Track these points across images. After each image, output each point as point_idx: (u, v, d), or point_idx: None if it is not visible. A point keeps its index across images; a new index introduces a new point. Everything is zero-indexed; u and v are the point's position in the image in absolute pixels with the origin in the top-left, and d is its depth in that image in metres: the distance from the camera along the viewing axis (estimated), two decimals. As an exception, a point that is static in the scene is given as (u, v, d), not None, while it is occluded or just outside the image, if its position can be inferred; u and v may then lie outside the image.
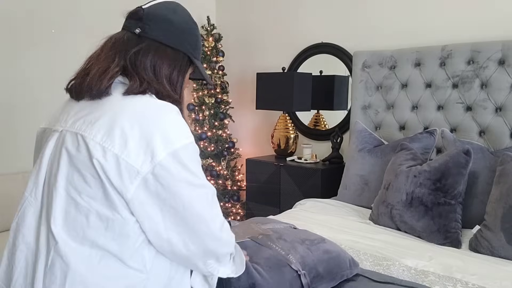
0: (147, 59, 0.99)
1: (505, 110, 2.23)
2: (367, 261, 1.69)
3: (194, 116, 3.55)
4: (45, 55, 2.85)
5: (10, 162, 2.76)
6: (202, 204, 0.94)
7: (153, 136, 0.88)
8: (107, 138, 0.89)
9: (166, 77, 1.01)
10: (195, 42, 1.07)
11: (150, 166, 0.88)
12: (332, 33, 3.11)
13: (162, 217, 0.91)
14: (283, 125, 3.22)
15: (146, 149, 0.88)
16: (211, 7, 3.89)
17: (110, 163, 0.88)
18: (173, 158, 0.89)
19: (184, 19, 1.06)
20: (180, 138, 0.91)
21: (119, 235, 0.90)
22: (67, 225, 0.90)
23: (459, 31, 2.49)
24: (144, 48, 0.99)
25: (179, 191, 0.90)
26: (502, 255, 1.73)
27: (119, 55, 0.99)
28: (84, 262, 0.89)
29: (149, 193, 0.89)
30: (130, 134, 0.89)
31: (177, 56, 1.03)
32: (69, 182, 0.91)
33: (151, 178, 0.88)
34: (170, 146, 0.89)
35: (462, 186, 1.94)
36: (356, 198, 2.49)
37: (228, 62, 3.72)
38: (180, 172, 0.90)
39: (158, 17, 1.01)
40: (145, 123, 0.90)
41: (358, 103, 2.80)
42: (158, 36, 1.00)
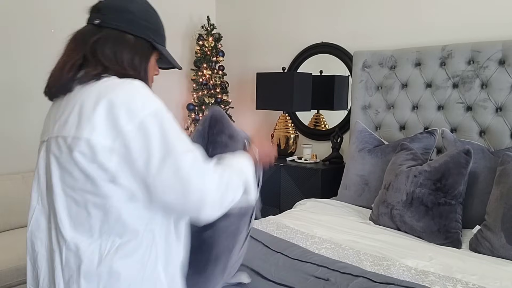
0: (106, 47, 1.01)
1: (505, 110, 2.22)
2: (367, 261, 1.68)
3: (194, 116, 3.54)
4: (45, 55, 2.85)
5: (10, 162, 2.75)
6: (179, 175, 0.94)
7: (116, 111, 0.91)
8: (78, 128, 0.93)
9: (128, 63, 1.03)
10: (156, 28, 1.10)
11: (121, 141, 0.91)
12: (332, 33, 3.11)
13: (143, 188, 0.95)
14: (283, 125, 3.22)
15: (113, 125, 0.91)
16: (211, 7, 3.89)
17: (85, 151, 0.92)
18: (139, 129, 0.91)
19: (142, 6, 1.08)
20: (143, 107, 0.92)
21: (119, 218, 0.94)
22: (74, 222, 0.96)
23: (459, 31, 2.48)
24: (103, 37, 1.02)
25: (148, 162, 0.92)
26: (502, 255, 1.73)
27: (79, 47, 1.02)
28: (96, 252, 0.95)
29: (126, 168, 0.92)
30: (95, 116, 0.92)
31: (137, 42, 1.05)
32: (63, 183, 0.96)
33: (124, 152, 0.91)
34: (134, 117, 0.91)
35: (463, 186, 1.94)
36: (356, 198, 2.49)
37: (228, 62, 3.72)
38: (150, 141, 0.92)
39: (116, 7, 1.05)
40: (107, 101, 0.92)
41: (358, 103, 2.80)
42: (116, 25, 1.03)
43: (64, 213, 0.96)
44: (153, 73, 1.14)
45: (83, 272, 0.94)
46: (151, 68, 1.11)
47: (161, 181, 0.93)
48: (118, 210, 0.94)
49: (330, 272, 1.55)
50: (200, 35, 3.55)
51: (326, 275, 1.53)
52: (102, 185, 0.93)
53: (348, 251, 1.78)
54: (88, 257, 0.95)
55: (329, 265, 1.60)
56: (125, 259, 0.95)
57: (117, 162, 0.92)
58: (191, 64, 3.65)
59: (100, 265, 0.94)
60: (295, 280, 1.50)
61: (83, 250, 0.95)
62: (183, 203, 0.95)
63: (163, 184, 0.93)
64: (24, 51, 2.80)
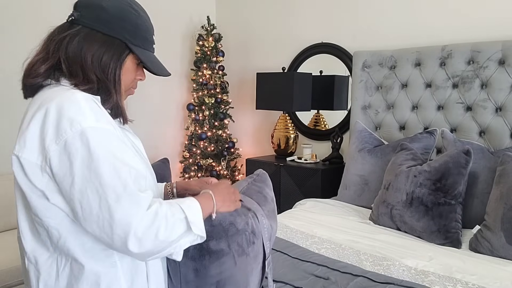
0: (71, 44, 0.96)
1: (505, 110, 2.23)
2: (367, 261, 1.69)
3: (194, 116, 3.55)
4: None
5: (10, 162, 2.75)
6: (103, 203, 0.85)
7: (46, 128, 0.87)
8: (16, 143, 0.91)
9: (94, 62, 0.96)
10: (133, 29, 1.01)
11: (46, 161, 0.87)
12: (332, 33, 3.11)
13: (70, 204, 0.89)
14: (283, 125, 3.22)
15: (41, 143, 0.87)
16: (211, 7, 3.89)
17: (18, 167, 0.91)
18: (64, 150, 0.86)
19: (118, 5, 1.00)
20: (71, 126, 0.86)
21: (59, 239, 0.92)
22: (33, 235, 0.96)
23: (459, 31, 2.49)
24: (72, 33, 0.97)
25: (72, 186, 0.86)
26: (502, 255, 1.73)
27: (46, 44, 1.00)
28: (53, 267, 0.94)
29: (55, 187, 0.89)
30: (27, 130, 0.89)
31: (109, 41, 0.98)
32: (20, 198, 0.96)
33: (50, 172, 0.88)
34: (60, 137, 0.86)
35: (462, 186, 1.94)
36: (356, 198, 2.49)
37: (228, 62, 3.72)
38: (73, 164, 0.85)
39: (90, 4, 1.00)
40: (41, 115, 0.88)
41: (358, 103, 2.80)
42: (88, 23, 0.98)
43: (25, 226, 0.96)
44: (132, 77, 1.05)
45: (42, 284, 0.94)
46: (127, 72, 1.03)
47: (85, 208, 0.85)
48: (57, 230, 0.91)
49: (330, 271, 1.55)
50: (200, 35, 3.56)
51: (326, 274, 1.53)
52: (34, 203, 0.90)
53: (348, 251, 1.78)
54: (46, 270, 0.94)
55: (329, 265, 1.60)
56: (81, 282, 0.92)
57: (47, 181, 0.88)
58: (191, 64, 3.66)
59: (59, 279, 0.93)
60: (295, 278, 1.51)
61: (41, 264, 0.94)
62: (108, 233, 0.85)
63: (87, 212, 0.85)
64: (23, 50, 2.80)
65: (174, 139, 3.76)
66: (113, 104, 1.01)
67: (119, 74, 1.00)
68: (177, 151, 3.77)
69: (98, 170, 0.85)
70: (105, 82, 0.98)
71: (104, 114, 0.93)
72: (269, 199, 1.29)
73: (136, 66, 1.05)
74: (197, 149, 3.50)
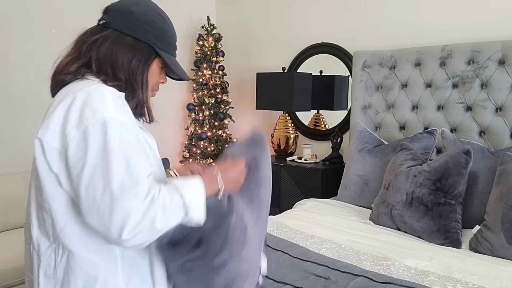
0: (103, 46, 1.02)
1: (505, 110, 2.23)
2: (367, 261, 1.69)
3: (194, 116, 3.55)
4: (45, 55, 2.85)
5: (10, 162, 2.76)
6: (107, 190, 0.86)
7: (70, 114, 0.90)
8: (40, 128, 0.94)
9: (124, 64, 1.03)
10: (161, 35, 1.08)
11: (64, 145, 0.90)
12: (332, 33, 3.11)
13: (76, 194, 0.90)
14: (283, 125, 3.22)
15: (63, 128, 0.91)
16: (211, 7, 3.89)
17: (39, 150, 0.93)
18: (83, 136, 0.88)
19: (147, 11, 1.08)
20: (93, 114, 0.89)
21: (63, 228, 0.94)
22: (40, 224, 0.98)
23: (459, 31, 2.49)
24: (103, 36, 1.03)
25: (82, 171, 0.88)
26: (502, 255, 1.73)
27: (78, 45, 1.04)
28: (52, 257, 0.96)
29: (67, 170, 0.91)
30: (52, 116, 0.92)
31: (138, 45, 1.04)
32: (35, 183, 0.98)
33: (65, 156, 0.90)
34: (82, 124, 0.89)
35: (462, 186, 1.94)
36: (356, 198, 2.49)
37: (228, 62, 3.72)
38: (88, 149, 0.88)
39: (121, 9, 1.06)
40: (67, 103, 0.92)
41: (358, 103, 2.80)
42: (119, 26, 1.04)
43: (34, 213, 0.99)
44: (156, 80, 1.12)
45: (42, 272, 0.97)
46: (153, 74, 1.10)
47: (89, 194, 0.87)
48: (64, 219, 0.93)
49: (331, 271, 1.55)
50: (200, 35, 3.56)
51: (327, 273, 1.53)
52: (47, 188, 0.93)
53: (348, 251, 1.78)
54: (46, 259, 0.97)
55: (329, 264, 1.61)
56: (78, 274, 0.94)
57: (64, 166, 0.91)
58: (191, 64, 3.66)
59: (56, 270, 0.96)
60: (296, 278, 1.51)
61: (42, 251, 0.97)
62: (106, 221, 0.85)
63: (90, 198, 0.86)
64: (24, 51, 2.80)
65: (174, 139, 3.76)
66: (138, 102, 1.06)
67: (147, 76, 1.07)
68: (177, 151, 3.77)
69: (109, 158, 0.87)
70: (132, 82, 1.04)
71: (126, 109, 0.97)
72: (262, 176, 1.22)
73: (160, 69, 1.12)
74: (197, 149, 3.50)
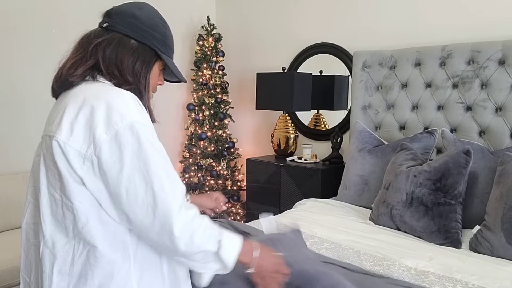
0: (108, 49, 1.04)
1: (505, 110, 2.22)
2: (367, 261, 1.69)
3: (194, 116, 3.55)
4: (45, 55, 2.85)
5: (10, 162, 2.76)
6: (150, 189, 0.93)
7: (96, 120, 0.93)
8: (59, 129, 0.95)
9: (128, 67, 1.05)
10: (163, 39, 1.11)
11: (92, 149, 0.93)
12: (332, 33, 3.11)
13: (109, 197, 0.95)
14: (283, 125, 3.22)
15: (90, 133, 0.93)
16: (211, 7, 3.89)
17: (60, 152, 0.95)
18: (114, 140, 0.92)
19: (150, 15, 1.10)
20: (121, 119, 0.93)
21: (85, 224, 0.96)
22: (54, 220, 0.99)
23: (459, 31, 2.48)
24: (108, 39, 1.05)
25: (120, 173, 0.93)
26: (502, 255, 1.73)
27: (82, 47, 1.06)
28: (70, 253, 0.98)
29: (96, 176, 0.94)
30: (75, 120, 0.95)
31: (141, 48, 1.07)
32: (48, 181, 0.99)
33: (96, 160, 0.93)
34: (111, 128, 0.93)
35: (462, 186, 1.94)
36: (356, 198, 2.49)
37: (228, 62, 3.72)
38: (123, 152, 0.92)
39: (124, 12, 1.08)
40: (90, 108, 0.95)
41: (358, 103, 2.80)
42: (122, 29, 1.06)
43: (47, 210, 0.99)
44: (155, 82, 1.16)
45: (57, 269, 0.98)
46: (154, 77, 1.13)
47: (130, 194, 0.92)
48: (86, 216, 0.95)
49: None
50: (200, 35, 3.56)
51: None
52: (70, 187, 0.95)
53: (348, 251, 1.78)
54: (62, 256, 0.98)
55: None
56: (96, 270, 0.96)
57: (87, 169, 0.94)
58: (191, 64, 3.66)
59: (73, 266, 0.97)
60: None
61: (58, 249, 0.98)
62: (150, 217, 0.93)
63: (132, 198, 0.93)
64: (24, 50, 2.80)
65: (174, 139, 3.76)
66: (145, 104, 1.09)
67: (149, 78, 1.11)
68: (177, 151, 3.77)
69: (147, 160, 0.93)
70: (138, 85, 1.07)
71: (145, 113, 1.01)
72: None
73: (160, 72, 1.16)
74: (197, 149, 3.50)
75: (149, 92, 1.12)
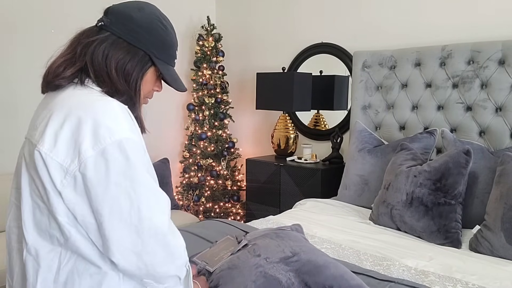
0: (99, 49, 0.99)
1: (505, 110, 2.22)
2: (367, 261, 1.69)
3: (194, 116, 3.55)
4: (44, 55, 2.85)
5: (10, 162, 2.75)
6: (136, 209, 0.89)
7: (82, 133, 0.88)
8: (41, 139, 0.90)
9: (119, 69, 1.00)
10: (160, 44, 1.05)
11: (77, 165, 0.88)
12: (332, 33, 3.11)
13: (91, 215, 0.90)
14: (283, 125, 3.22)
15: (75, 147, 0.88)
16: (211, 7, 3.89)
17: (40, 163, 0.89)
18: (101, 157, 0.87)
19: (149, 19, 1.04)
20: (110, 135, 0.88)
21: (69, 236, 0.92)
22: (37, 227, 0.94)
23: (459, 31, 2.49)
24: (100, 39, 1.00)
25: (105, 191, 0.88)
26: (502, 255, 1.73)
27: (73, 46, 1.02)
28: (55, 261, 0.93)
29: (77, 192, 0.89)
30: (59, 132, 0.89)
31: (132, 51, 1.01)
32: (31, 188, 0.94)
33: (80, 177, 0.88)
34: (98, 144, 0.87)
35: (462, 186, 1.94)
36: (356, 198, 2.49)
37: (228, 62, 3.72)
38: (110, 170, 0.88)
39: (121, 13, 1.03)
40: (76, 119, 0.89)
41: (358, 103, 2.80)
42: (116, 30, 1.01)
43: (29, 217, 0.94)
44: (150, 88, 1.09)
45: (40, 278, 0.93)
46: (147, 83, 1.07)
47: (114, 212, 0.88)
48: (69, 230, 0.91)
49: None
50: (200, 35, 3.56)
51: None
52: (52, 200, 0.90)
53: (348, 251, 1.78)
54: (47, 264, 0.93)
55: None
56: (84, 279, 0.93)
57: (68, 184, 0.88)
58: (191, 64, 3.66)
59: (59, 274, 0.93)
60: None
61: (42, 256, 0.93)
62: (135, 237, 0.90)
63: (115, 216, 0.88)
64: (23, 50, 2.80)
65: (174, 139, 3.76)
66: (136, 114, 1.04)
67: (140, 84, 1.04)
68: (177, 151, 3.77)
69: (134, 180, 0.89)
70: (129, 92, 1.01)
71: (135, 125, 0.97)
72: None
73: (156, 78, 1.09)
74: (197, 149, 3.50)
75: (140, 99, 1.06)
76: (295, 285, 1.19)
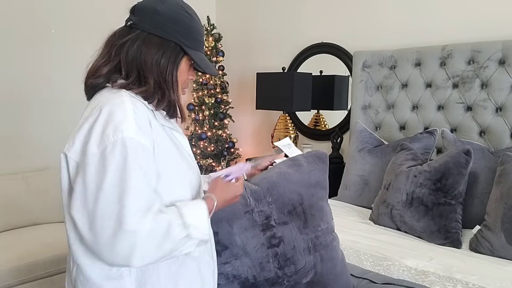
0: (133, 48, 1.01)
1: (505, 110, 2.22)
2: (367, 261, 1.68)
3: (194, 116, 3.54)
4: (45, 55, 2.85)
5: (10, 162, 2.75)
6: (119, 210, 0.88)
7: (93, 132, 0.92)
8: (67, 142, 0.97)
9: (154, 65, 1.02)
10: (187, 31, 1.06)
11: (83, 161, 0.92)
12: (332, 33, 3.11)
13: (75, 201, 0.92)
14: (283, 125, 3.21)
15: (84, 144, 0.93)
16: (211, 7, 3.89)
17: (64, 165, 0.97)
18: (102, 155, 0.90)
19: (173, 9, 1.05)
20: (114, 133, 0.90)
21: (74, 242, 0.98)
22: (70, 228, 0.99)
23: (459, 31, 2.48)
24: (132, 38, 1.02)
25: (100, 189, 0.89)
26: (502, 255, 1.73)
27: (108, 49, 1.04)
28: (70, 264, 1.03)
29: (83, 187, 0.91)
30: (79, 132, 0.95)
31: (165, 44, 1.03)
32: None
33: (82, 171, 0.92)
34: (103, 142, 0.90)
35: (462, 186, 1.94)
36: (356, 198, 2.49)
37: (228, 62, 3.72)
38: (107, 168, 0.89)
39: (147, 8, 1.04)
40: (93, 118, 0.94)
41: (358, 103, 2.80)
42: (145, 27, 1.02)
43: (68, 221, 0.99)
44: (185, 78, 1.11)
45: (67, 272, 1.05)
46: (182, 73, 1.08)
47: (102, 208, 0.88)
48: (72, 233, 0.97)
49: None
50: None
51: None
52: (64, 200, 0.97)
53: (348, 251, 1.78)
54: (67, 265, 1.05)
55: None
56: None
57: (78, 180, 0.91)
58: (191, 64, 3.65)
59: (70, 276, 1.02)
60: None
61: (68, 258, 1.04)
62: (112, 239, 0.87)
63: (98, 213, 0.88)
64: (24, 51, 2.80)
65: (174, 139, 3.76)
66: (169, 104, 1.06)
67: (176, 75, 1.06)
68: (177, 151, 3.76)
69: (127, 180, 0.89)
70: (161, 84, 1.03)
71: (146, 127, 0.96)
72: None
73: (189, 67, 1.11)
74: (197, 149, 3.50)
75: (178, 89, 1.08)
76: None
